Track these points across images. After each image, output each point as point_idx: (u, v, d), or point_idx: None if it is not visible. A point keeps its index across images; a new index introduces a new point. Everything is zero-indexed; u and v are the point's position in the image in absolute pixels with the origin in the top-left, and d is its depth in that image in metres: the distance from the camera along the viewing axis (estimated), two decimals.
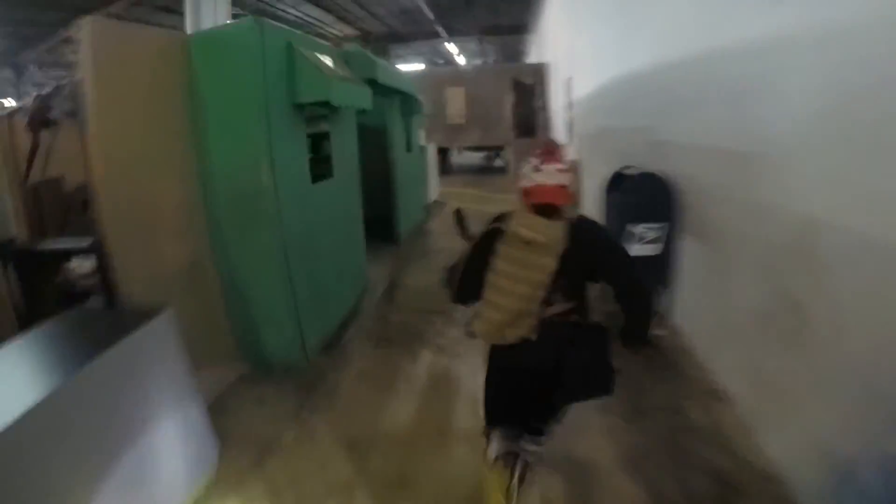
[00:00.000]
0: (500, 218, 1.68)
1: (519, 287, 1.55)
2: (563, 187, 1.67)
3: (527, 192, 1.69)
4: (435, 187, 9.16)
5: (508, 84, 12.79)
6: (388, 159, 5.77)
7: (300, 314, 3.02)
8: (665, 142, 3.58)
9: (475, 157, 17.82)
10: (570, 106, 8.98)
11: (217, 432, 2.31)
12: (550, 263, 1.52)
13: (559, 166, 1.67)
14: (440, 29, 17.22)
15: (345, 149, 3.86)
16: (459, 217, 2.39)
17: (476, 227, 1.90)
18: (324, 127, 3.51)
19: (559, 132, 10.91)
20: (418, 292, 4.65)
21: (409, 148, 6.57)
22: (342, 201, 3.79)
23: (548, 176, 1.65)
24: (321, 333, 3.36)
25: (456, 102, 13.36)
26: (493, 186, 10.81)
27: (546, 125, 12.27)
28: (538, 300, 1.56)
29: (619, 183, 3.66)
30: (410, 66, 19.91)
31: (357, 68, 3.90)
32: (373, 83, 4.13)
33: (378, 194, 6.24)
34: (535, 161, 1.69)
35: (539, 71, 12.67)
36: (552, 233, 1.54)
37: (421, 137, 8.21)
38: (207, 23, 5.83)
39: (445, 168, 14.13)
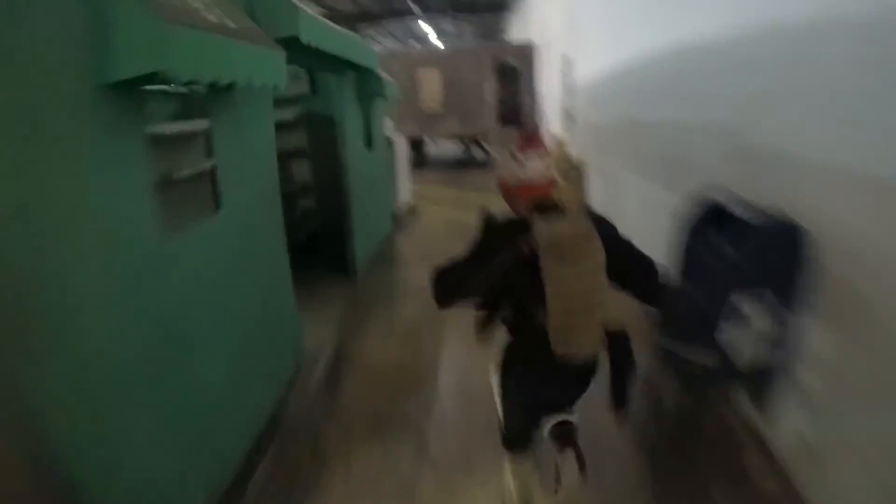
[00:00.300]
0: (511, 226, 1.49)
1: (596, 289, 1.43)
2: (552, 181, 1.56)
3: (514, 192, 1.56)
4: (406, 188, 7.61)
5: (490, 66, 11.24)
6: (339, 161, 4.22)
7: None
8: (777, 154, 2.15)
9: (453, 149, 16.26)
10: (568, 91, 7.53)
11: None
12: (601, 253, 1.41)
13: (543, 158, 1.55)
14: (413, 6, 15.53)
15: (246, 158, 2.32)
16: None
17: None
18: (196, 125, 1.96)
19: (551, 122, 9.45)
20: (382, 376, 3.14)
21: (369, 143, 5.00)
22: (241, 250, 2.25)
23: (534, 169, 1.52)
24: None
25: (430, 87, 11.74)
26: (475, 183, 9.34)
27: (534, 113, 10.80)
28: (603, 289, 1.44)
29: (717, 222, 2.23)
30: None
31: (267, 21, 2.33)
32: (297, 46, 2.56)
33: (326, 207, 4.70)
34: (516, 152, 1.54)
35: (525, 51, 11.15)
36: (583, 223, 1.44)
37: (387, 128, 6.62)
38: None
39: (419, 161, 12.56)
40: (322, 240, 4.61)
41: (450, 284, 1.55)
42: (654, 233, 2.71)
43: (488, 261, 1.45)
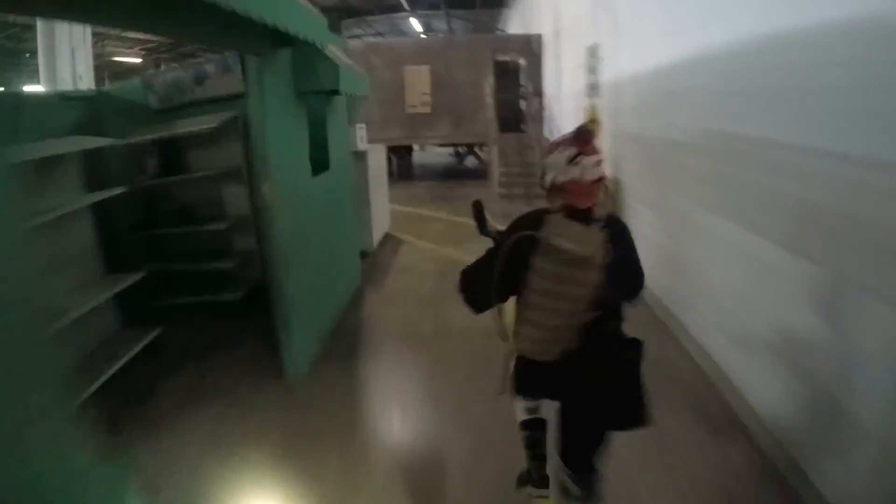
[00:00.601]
0: (531, 221, 1.44)
1: (560, 304, 1.39)
2: (600, 181, 1.48)
3: (561, 189, 1.48)
4: (384, 214, 5.93)
5: (489, 61, 9.62)
6: (259, 203, 2.53)
7: None
8: None
9: (441, 156, 14.61)
10: (592, 91, 5.90)
11: None
12: (593, 277, 1.35)
13: (597, 157, 1.46)
14: (403, 1, 13.92)
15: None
16: (479, 210, 1.81)
17: (496, 223, 1.71)
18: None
19: (560, 127, 7.82)
20: None
21: (321, 164, 3.31)
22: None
23: (585, 170, 1.44)
24: None
25: (418, 85, 10.08)
26: (471, 199, 7.65)
27: (539, 117, 9.17)
28: (580, 314, 1.40)
29: None
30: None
31: None
32: None
33: (248, 273, 3.01)
34: (569, 151, 1.45)
35: (530, 44, 9.55)
36: (594, 241, 1.36)
37: (356, 138, 4.93)
38: None
39: (405, 173, 10.90)
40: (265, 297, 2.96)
41: (477, 288, 1.54)
42: (766, 317, 2.17)
43: (512, 260, 1.40)
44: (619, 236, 1.42)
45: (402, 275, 4.72)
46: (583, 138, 1.45)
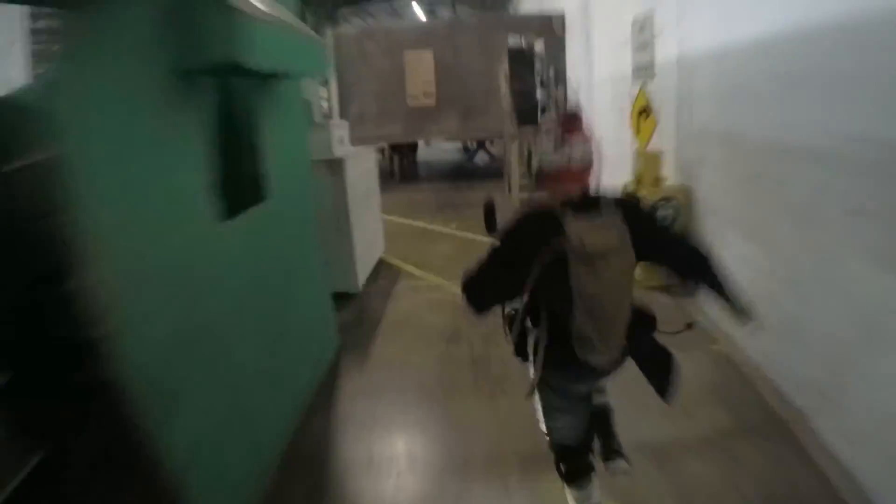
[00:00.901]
0: (540, 226, 1.34)
1: (624, 298, 1.39)
2: (589, 168, 1.42)
3: (548, 176, 1.42)
4: (374, 239, 4.64)
5: (503, 44, 8.26)
6: (79, 309, 1.25)
7: None
8: None
9: (448, 151, 13.29)
10: (641, 72, 4.55)
11: None
12: (631, 258, 1.36)
13: (585, 142, 1.40)
14: None
15: None
16: (490, 209, 1.75)
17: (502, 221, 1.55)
18: None
19: (592, 119, 6.47)
20: None
21: (243, 198, 2.01)
22: None
23: (573, 155, 1.37)
24: None
25: (420, 73, 8.76)
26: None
27: (563, 108, 7.79)
28: (630, 295, 1.42)
29: None
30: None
31: None
32: None
33: None
34: (555, 135, 1.39)
35: (549, 25, 8.16)
36: (617, 229, 1.33)
37: (329, 142, 3.65)
38: None
39: (407, 173, 9.61)
40: None
41: (483, 293, 1.49)
42: None
43: (520, 264, 1.35)
44: (633, 213, 1.38)
45: (397, 333, 3.41)
46: (568, 120, 1.42)
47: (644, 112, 4.54)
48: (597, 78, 6.18)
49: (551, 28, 8.05)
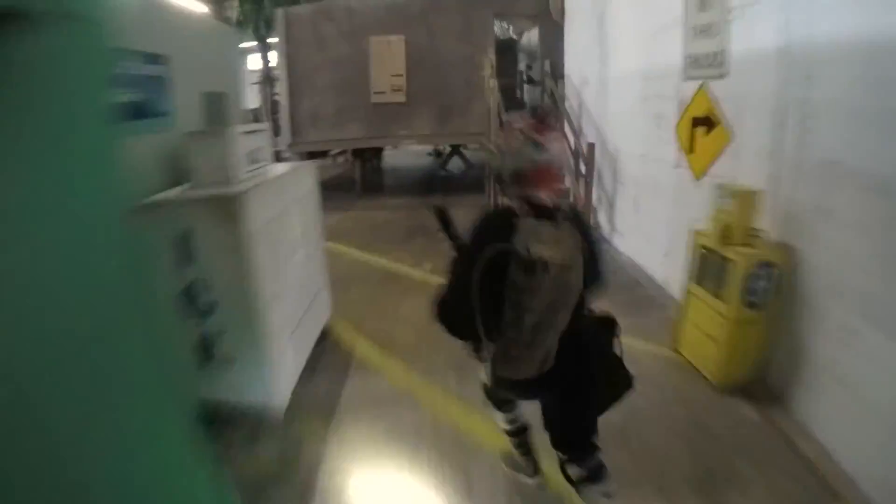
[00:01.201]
0: (499, 228, 1.33)
1: (559, 317, 1.34)
2: (559, 167, 1.41)
3: (518, 177, 1.38)
4: (314, 304, 3.11)
5: (489, 31, 6.86)
6: None
7: None
8: None
9: (417, 155, 11.82)
10: (698, 66, 3.19)
11: None
12: (578, 280, 1.34)
13: (556, 141, 1.39)
14: None
15: None
16: (442, 215, 1.65)
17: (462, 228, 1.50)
18: None
19: (603, 127, 5.09)
20: None
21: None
22: None
23: (542, 153, 1.35)
24: None
25: (388, 64, 7.25)
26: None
27: (556, 112, 6.43)
28: (564, 322, 1.37)
29: None
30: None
31: None
32: None
33: None
34: (523, 133, 1.37)
35: (546, 9, 6.79)
36: (570, 242, 1.32)
37: (220, 161, 2.13)
38: None
39: (370, 184, 8.12)
40: None
41: (465, 318, 1.40)
42: None
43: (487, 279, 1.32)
44: (583, 230, 1.39)
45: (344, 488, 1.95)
46: (537, 117, 1.39)
47: (704, 123, 3.20)
48: (614, 73, 4.82)
49: (548, 12, 6.68)
